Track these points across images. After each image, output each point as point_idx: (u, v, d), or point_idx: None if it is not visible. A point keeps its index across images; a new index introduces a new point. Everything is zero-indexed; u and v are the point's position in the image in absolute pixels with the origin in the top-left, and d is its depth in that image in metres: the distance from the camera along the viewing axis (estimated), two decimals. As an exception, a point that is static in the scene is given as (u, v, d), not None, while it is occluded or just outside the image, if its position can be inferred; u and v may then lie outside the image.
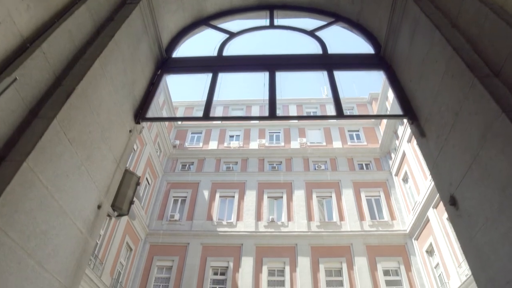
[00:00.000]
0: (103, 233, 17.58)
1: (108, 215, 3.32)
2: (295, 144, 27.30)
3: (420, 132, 3.23)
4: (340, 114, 3.72)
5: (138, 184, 3.72)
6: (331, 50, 4.58)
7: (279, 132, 28.73)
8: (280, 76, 4.18)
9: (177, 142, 28.17)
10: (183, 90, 77.00)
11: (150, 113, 3.68)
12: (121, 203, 3.38)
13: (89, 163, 2.56)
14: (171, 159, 27.16)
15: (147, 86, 3.79)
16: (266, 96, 3.77)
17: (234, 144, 27.47)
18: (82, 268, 2.63)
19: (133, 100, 3.30)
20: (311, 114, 30.62)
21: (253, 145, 27.53)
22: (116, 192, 3.49)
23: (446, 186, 2.80)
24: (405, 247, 20.67)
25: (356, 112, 30.10)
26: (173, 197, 24.32)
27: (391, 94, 24.56)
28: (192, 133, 29.45)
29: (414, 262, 19.86)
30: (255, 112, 30.70)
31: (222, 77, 4.39)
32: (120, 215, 3.46)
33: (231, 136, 28.75)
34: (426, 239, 19.20)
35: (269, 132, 28.85)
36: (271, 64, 4.35)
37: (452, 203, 2.70)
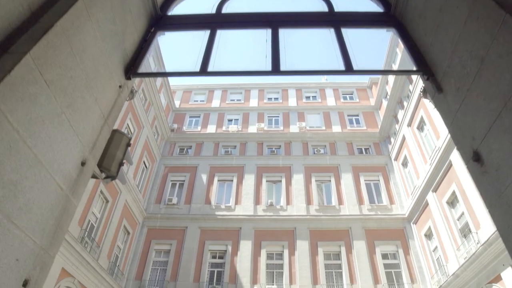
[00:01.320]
0: (100, 216, 17.43)
1: (95, 177, 3.07)
2: (294, 128, 27.05)
3: (436, 88, 2.97)
4: (349, 69, 3.45)
5: (128, 145, 3.47)
6: (338, 9, 4.28)
7: (278, 116, 28.45)
8: (283, 35, 3.87)
9: (175, 125, 27.87)
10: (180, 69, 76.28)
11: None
12: (109, 164, 3.12)
13: (71, 112, 2.29)
14: (169, 142, 26.90)
15: (139, 42, 3.50)
16: (268, 53, 3.48)
17: (233, 128, 27.20)
18: (63, 229, 2.38)
19: (123, 53, 3.02)
20: (310, 98, 30.28)
21: (252, 129, 27.27)
22: (104, 152, 3.23)
23: (468, 142, 2.55)
24: (403, 231, 20.64)
25: (356, 98, 29.83)
26: (171, 181, 24.13)
27: (391, 78, 24.26)
28: (190, 117, 29.13)
29: (413, 246, 19.85)
30: (254, 96, 30.40)
31: (221, 36, 4.09)
32: (108, 177, 3.21)
33: (230, 120, 28.45)
34: (425, 223, 19.14)
35: (268, 116, 28.57)
36: (274, 21, 4.03)
37: (476, 159, 2.45)
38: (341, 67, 3.48)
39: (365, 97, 29.80)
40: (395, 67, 23.17)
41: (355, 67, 3.50)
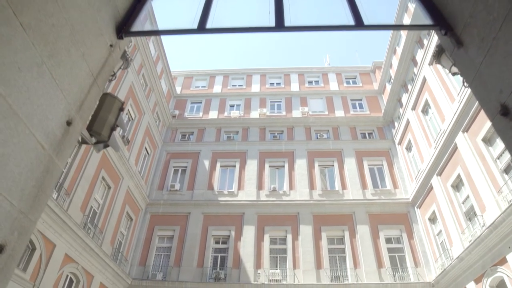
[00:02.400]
0: (102, 202, 17.37)
1: (85, 142, 2.87)
2: (296, 113, 26.77)
3: (456, 42, 2.73)
4: (359, 24, 3.18)
5: (121, 109, 3.26)
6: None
7: (280, 101, 28.14)
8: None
9: (177, 112, 27.63)
10: (183, 58, 75.90)
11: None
12: (100, 127, 2.92)
13: (53, 64, 2.07)
14: (171, 129, 26.71)
15: (132, 1, 3.24)
16: (271, 9, 3.20)
17: (235, 113, 26.93)
18: (45, 193, 2.17)
19: (114, 10, 2.77)
20: (313, 83, 29.90)
21: (254, 114, 27.01)
22: (95, 115, 3.02)
23: (494, 96, 2.33)
24: (407, 215, 20.52)
25: (359, 82, 29.42)
26: (173, 167, 24.02)
27: (395, 62, 23.87)
28: (191, 103, 28.86)
29: (416, 230, 19.75)
30: (255, 81, 30.06)
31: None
32: (99, 142, 3.00)
33: (232, 106, 28.18)
34: (429, 207, 18.99)
35: (270, 102, 28.27)
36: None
37: (503, 113, 2.23)
38: (351, 22, 3.22)
39: (369, 81, 29.40)
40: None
41: (366, 21, 3.24)
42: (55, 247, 13.07)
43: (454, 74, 3.68)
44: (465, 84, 2.94)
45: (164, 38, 25.98)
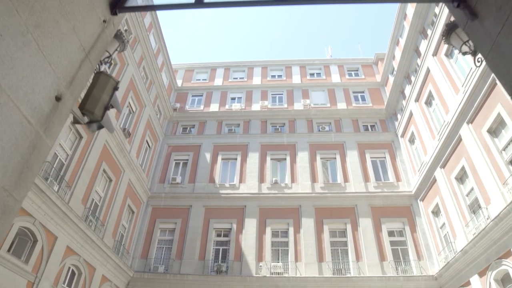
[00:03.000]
0: (103, 195, 17.29)
1: (77, 121, 2.75)
2: (298, 106, 26.59)
3: (469, 14, 2.57)
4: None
5: (115, 89, 3.12)
6: None
7: (282, 94, 27.95)
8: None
9: (178, 105, 27.49)
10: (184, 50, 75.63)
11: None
12: (92, 106, 2.78)
13: (40, 35, 1.92)
14: (172, 122, 26.60)
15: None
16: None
17: (236, 106, 26.78)
18: (32, 170, 2.04)
19: (106, -17, 2.63)
20: (315, 75, 29.67)
21: (256, 107, 26.85)
22: (87, 94, 2.88)
23: (514, 66, 2.18)
24: (410, 208, 20.40)
25: (361, 74, 29.16)
26: (175, 160, 23.94)
27: (398, 53, 23.62)
28: (192, 96, 28.71)
29: (419, 223, 19.63)
30: (257, 73, 29.86)
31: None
32: (92, 122, 2.87)
33: (233, 99, 28.01)
34: (432, 200, 18.85)
35: (272, 94, 28.08)
36: None
37: (523, 85, 2.09)
38: None
39: (371, 73, 29.15)
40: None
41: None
42: (57, 239, 13.02)
43: (464, 53, 3.54)
44: (477, 64, 2.78)
45: (164, 30, 25.76)
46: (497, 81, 13.13)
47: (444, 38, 3.80)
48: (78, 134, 15.11)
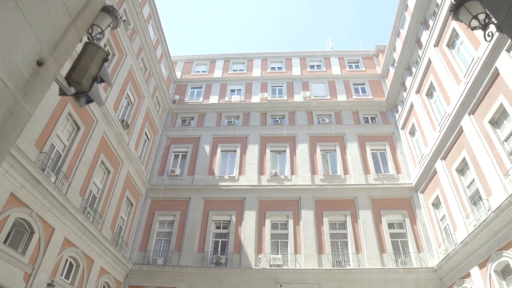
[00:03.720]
0: (102, 187, 17.16)
1: (63, 92, 2.59)
2: (298, 98, 26.40)
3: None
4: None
5: (105, 60, 2.96)
6: None
7: (282, 86, 27.74)
8: None
9: (177, 97, 27.28)
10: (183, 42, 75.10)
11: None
12: (79, 76, 2.63)
13: (19, -8, 1.76)
14: (171, 114, 26.41)
15: None
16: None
17: (236, 98, 26.57)
18: (8, 139, 1.89)
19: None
20: (315, 67, 29.44)
21: (255, 99, 26.65)
22: (74, 64, 2.72)
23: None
24: (410, 200, 20.31)
25: (362, 66, 28.94)
26: (174, 152, 23.79)
27: (399, 44, 23.40)
28: (192, 87, 28.49)
29: (419, 215, 19.56)
30: (256, 65, 29.62)
31: None
32: (79, 93, 2.71)
33: (232, 91, 27.80)
34: (432, 192, 18.75)
35: (272, 86, 27.87)
36: None
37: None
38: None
39: (372, 65, 28.92)
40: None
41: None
42: (54, 230, 12.91)
43: (473, 28, 3.37)
44: (487, 38, 2.61)
45: (163, 22, 25.49)
46: (499, 71, 12.96)
47: (452, 13, 3.63)
48: (75, 124, 14.94)
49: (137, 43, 21.43)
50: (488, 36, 2.64)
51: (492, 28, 2.99)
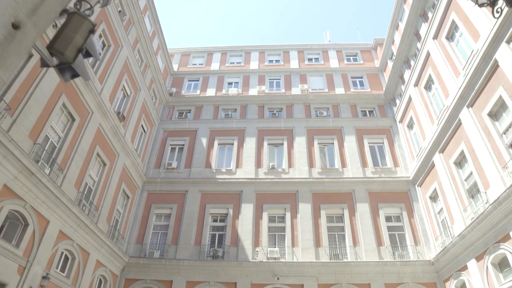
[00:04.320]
0: (97, 179, 17.00)
1: (44, 63, 2.43)
2: (296, 91, 26.23)
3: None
4: None
5: (92, 32, 2.79)
6: None
7: (280, 79, 27.55)
8: None
9: (174, 89, 27.05)
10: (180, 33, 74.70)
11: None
12: (63, 46, 2.46)
13: None
14: (168, 107, 26.20)
15: None
16: None
17: (233, 91, 26.36)
18: None
19: None
20: (313, 60, 29.23)
21: (253, 91, 26.46)
22: (57, 33, 2.55)
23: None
24: (408, 194, 20.28)
25: (360, 60, 28.76)
26: (170, 145, 23.62)
27: (397, 37, 23.24)
28: (189, 80, 28.25)
29: (417, 208, 19.53)
30: (254, 58, 29.40)
31: None
32: (62, 64, 2.55)
33: (230, 83, 27.59)
34: (430, 185, 18.71)
35: (269, 79, 27.68)
36: None
37: None
38: None
39: (370, 58, 28.76)
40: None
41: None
42: (49, 223, 12.75)
43: (481, 5, 3.24)
44: (496, 14, 2.48)
45: (160, 14, 25.19)
46: (499, 63, 12.84)
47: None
48: (70, 116, 14.74)
49: (133, 34, 21.16)
50: (497, 12, 2.52)
51: (500, 4, 2.87)
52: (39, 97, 12.39)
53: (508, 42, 12.45)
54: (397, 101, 23.82)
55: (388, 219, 19.46)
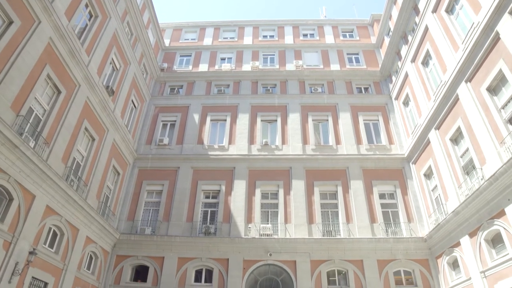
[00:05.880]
0: (86, 154, 16.55)
1: None
2: (290, 67, 25.67)
3: None
4: None
5: None
6: None
7: (274, 54, 26.92)
8: None
9: (165, 65, 26.34)
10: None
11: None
12: None
13: None
14: (159, 82, 25.55)
15: None
16: None
17: (226, 66, 25.73)
18: None
19: None
20: (308, 36, 28.56)
21: (246, 67, 25.86)
22: None
23: None
24: (402, 171, 20.13)
25: (356, 36, 28.14)
26: (162, 121, 23.12)
27: (395, 13, 22.66)
28: (180, 56, 27.51)
29: (411, 186, 19.42)
30: (248, 33, 28.66)
31: None
32: None
33: (223, 59, 26.94)
34: (425, 163, 18.53)
35: (263, 55, 27.05)
36: None
37: None
38: None
39: (366, 35, 28.14)
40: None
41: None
42: (35, 198, 12.34)
43: None
44: None
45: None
46: (500, 36, 12.42)
47: None
48: (56, 88, 14.15)
49: (122, 5, 20.33)
50: None
51: None
52: (22, 67, 11.80)
53: (511, 13, 12.01)
54: (393, 78, 23.40)
55: (381, 196, 19.34)
